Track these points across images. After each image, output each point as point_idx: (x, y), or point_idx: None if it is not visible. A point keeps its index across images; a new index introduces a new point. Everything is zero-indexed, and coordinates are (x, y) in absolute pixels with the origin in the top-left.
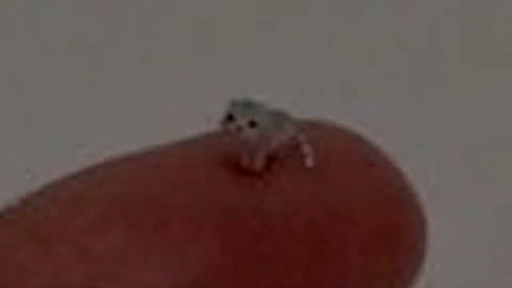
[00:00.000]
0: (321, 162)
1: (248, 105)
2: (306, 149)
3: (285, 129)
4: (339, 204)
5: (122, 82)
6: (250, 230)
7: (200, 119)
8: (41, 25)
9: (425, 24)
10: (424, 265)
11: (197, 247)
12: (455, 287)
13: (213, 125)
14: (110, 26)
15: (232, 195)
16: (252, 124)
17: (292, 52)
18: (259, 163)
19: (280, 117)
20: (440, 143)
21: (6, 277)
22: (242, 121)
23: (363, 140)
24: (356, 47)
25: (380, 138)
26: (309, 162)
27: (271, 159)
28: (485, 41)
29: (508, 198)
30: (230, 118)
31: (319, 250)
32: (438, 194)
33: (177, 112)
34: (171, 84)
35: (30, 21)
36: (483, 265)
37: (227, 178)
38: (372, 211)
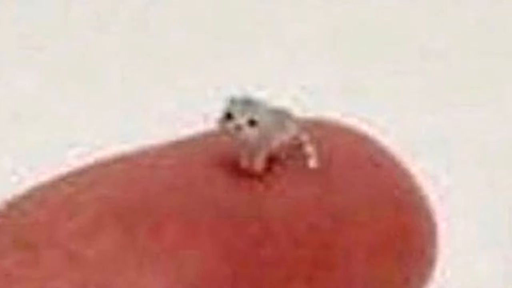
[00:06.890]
0: (325, 162)
1: (248, 102)
2: (309, 149)
3: (287, 128)
4: (344, 207)
5: (114, 79)
6: (250, 235)
7: (197, 117)
8: (30, 20)
9: (436, 19)
10: (434, 271)
11: (194, 253)
12: None
13: (211, 124)
14: (103, 21)
15: (231, 198)
16: (252, 123)
17: (294, 47)
18: (259, 164)
19: (281, 115)
20: (451, 142)
21: None
22: (241, 120)
23: (370, 140)
24: (362, 40)
25: (388, 138)
26: (312, 163)
27: (272, 160)
28: (497, 38)
29: None
30: (228, 116)
31: (322, 255)
32: (448, 197)
33: (172, 110)
34: (167, 81)
35: (17, 15)
36: (496, 271)
37: (225, 180)
38: (379, 214)
